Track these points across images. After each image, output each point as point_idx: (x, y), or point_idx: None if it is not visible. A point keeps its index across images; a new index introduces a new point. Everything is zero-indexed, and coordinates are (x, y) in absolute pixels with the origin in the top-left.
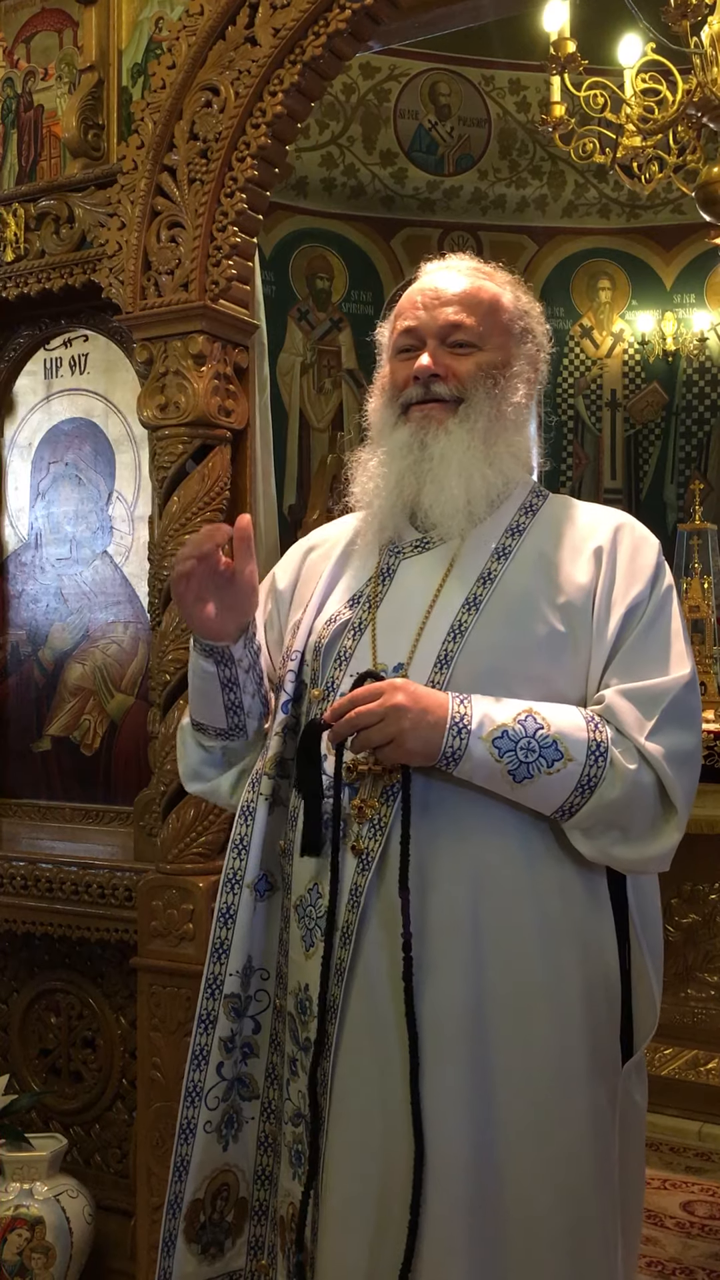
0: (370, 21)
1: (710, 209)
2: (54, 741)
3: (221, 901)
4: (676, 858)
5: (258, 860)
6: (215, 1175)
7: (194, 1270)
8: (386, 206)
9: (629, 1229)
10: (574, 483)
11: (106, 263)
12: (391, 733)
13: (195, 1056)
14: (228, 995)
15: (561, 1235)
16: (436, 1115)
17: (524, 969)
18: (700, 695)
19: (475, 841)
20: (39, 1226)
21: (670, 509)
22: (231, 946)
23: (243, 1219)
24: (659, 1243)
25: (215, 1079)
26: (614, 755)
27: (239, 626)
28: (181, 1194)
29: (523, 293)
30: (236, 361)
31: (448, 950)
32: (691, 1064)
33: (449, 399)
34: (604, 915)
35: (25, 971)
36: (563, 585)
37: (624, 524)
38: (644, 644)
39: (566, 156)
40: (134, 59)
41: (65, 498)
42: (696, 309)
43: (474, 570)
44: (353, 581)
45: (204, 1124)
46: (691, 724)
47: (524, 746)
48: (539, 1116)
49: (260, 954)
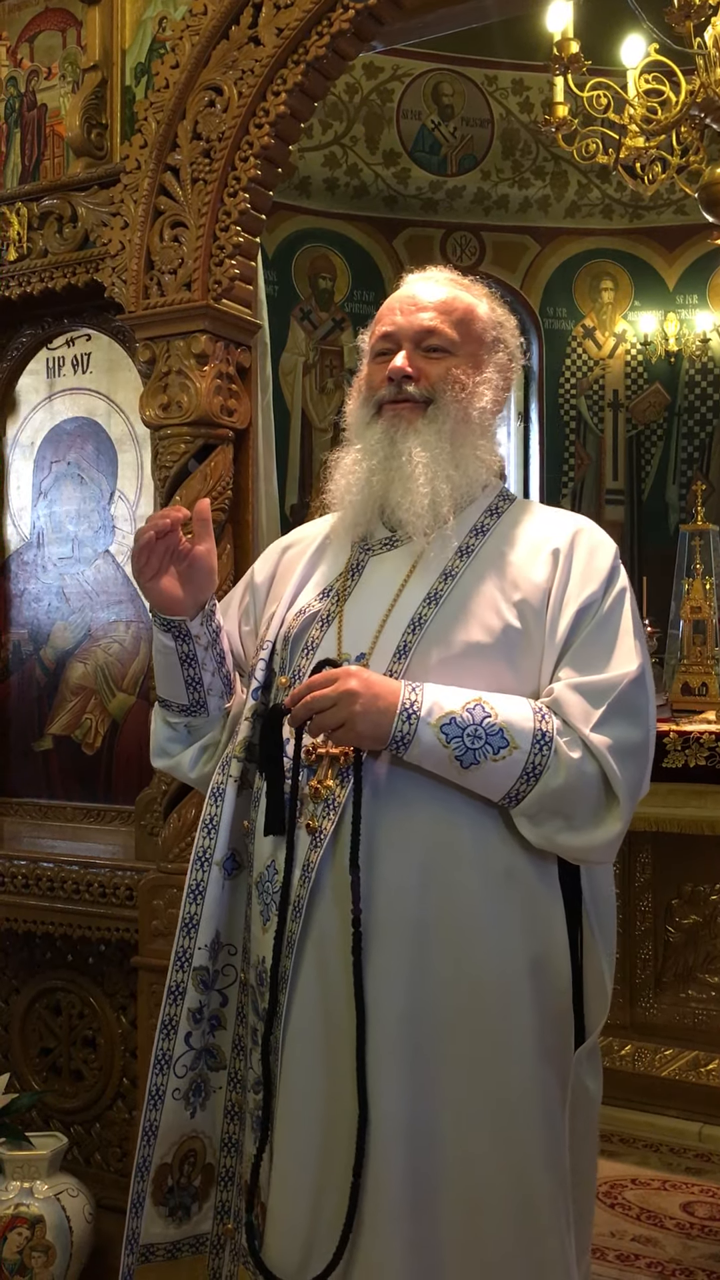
0: (374, 22)
1: (713, 210)
2: (55, 741)
3: (191, 878)
4: (678, 859)
5: (226, 839)
6: (183, 1141)
7: (161, 1231)
8: (389, 206)
9: (580, 1214)
10: (576, 483)
11: (109, 262)
12: (343, 716)
13: (164, 1026)
14: (196, 968)
15: (506, 1214)
16: (380, 1083)
17: (469, 947)
18: (648, 691)
19: (425, 823)
20: (39, 1225)
21: (672, 510)
22: (200, 921)
23: (209, 1184)
24: (659, 1244)
25: (184, 1048)
26: (559, 745)
27: (196, 603)
28: (149, 1158)
29: (498, 305)
30: (239, 361)
31: (395, 927)
32: (692, 1065)
33: (419, 399)
34: (554, 901)
35: (26, 970)
36: (520, 584)
37: (583, 528)
38: (595, 641)
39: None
40: (137, 58)
41: (67, 497)
42: (699, 310)
43: (437, 567)
44: (325, 576)
45: (172, 1091)
46: (638, 718)
47: (471, 733)
48: (483, 1092)
49: (228, 930)
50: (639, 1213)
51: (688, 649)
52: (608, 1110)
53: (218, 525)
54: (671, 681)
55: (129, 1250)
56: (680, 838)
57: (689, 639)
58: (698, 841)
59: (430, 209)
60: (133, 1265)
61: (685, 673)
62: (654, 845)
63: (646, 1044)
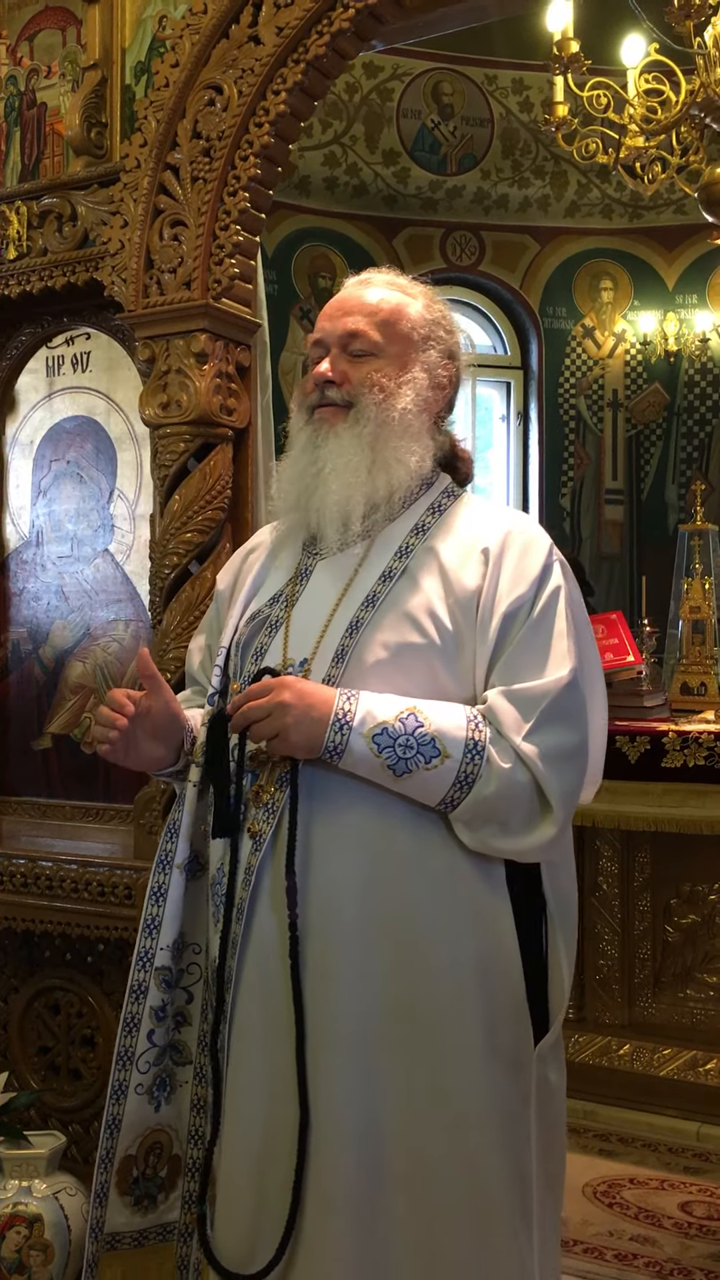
0: (374, 21)
1: (713, 210)
2: (54, 739)
3: (154, 881)
4: (676, 859)
5: (187, 842)
6: (147, 1134)
7: (127, 1220)
8: (389, 206)
9: (548, 1206)
10: (575, 483)
11: (109, 261)
12: (277, 727)
13: (126, 1023)
14: (158, 968)
15: (458, 1210)
16: (322, 1083)
17: (412, 949)
18: (581, 693)
19: (363, 827)
20: (37, 1224)
21: (671, 509)
22: (163, 923)
23: (176, 1175)
24: (657, 1243)
25: (146, 1044)
26: (490, 754)
27: (175, 751)
28: (113, 1150)
29: (436, 304)
30: (239, 360)
31: (334, 930)
32: (690, 1065)
33: (340, 403)
34: (500, 899)
35: (25, 969)
36: (453, 585)
37: (515, 527)
38: (528, 645)
39: (569, 156)
40: (137, 57)
41: (67, 496)
42: (698, 310)
43: (378, 569)
44: (276, 581)
45: (135, 1086)
46: (571, 723)
47: (402, 743)
48: (431, 1090)
49: (193, 929)
50: (637, 1212)
51: (687, 649)
52: (606, 1110)
53: (217, 524)
54: (670, 681)
55: (93, 1238)
56: (679, 837)
57: (688, 639)
58: (696, 841)
59: (430, 208)
60: (98, 1253)
61: (684, 672)
62: (653, 845)
63: (645, 1043)
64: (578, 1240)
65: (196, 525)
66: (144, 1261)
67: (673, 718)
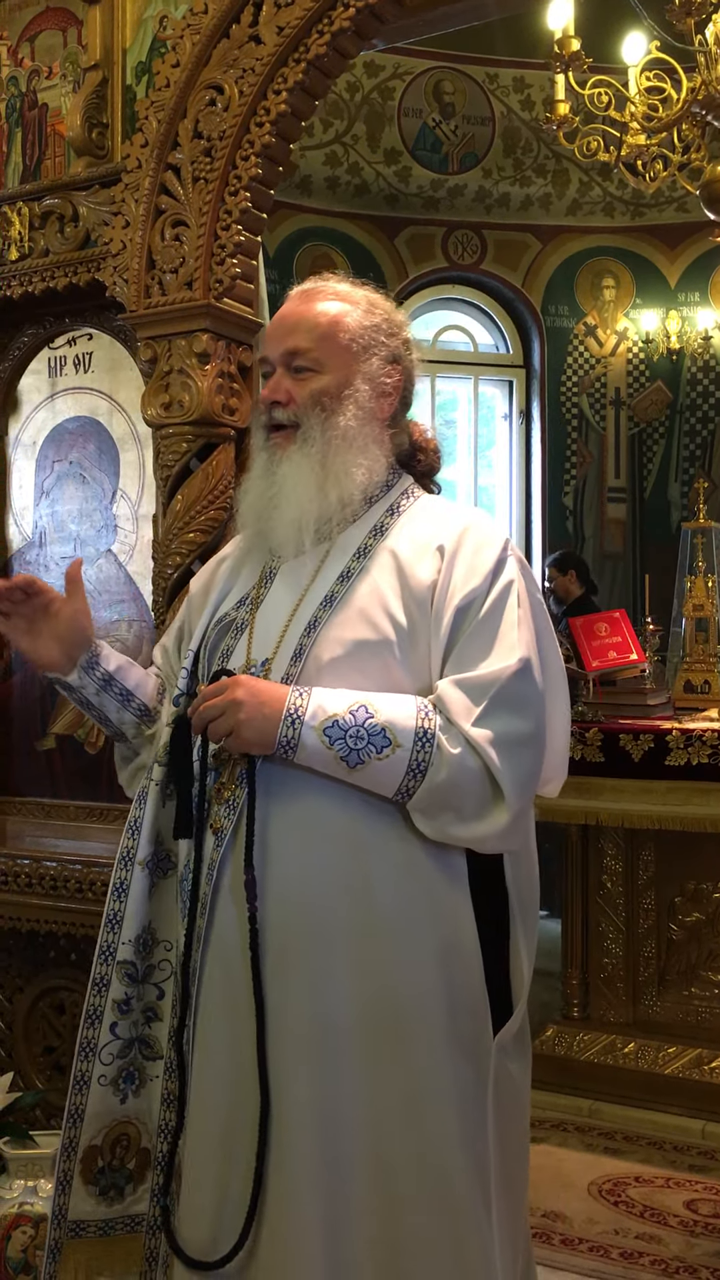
0: (374, 20)
1: (715, 207)
2: (58, 740)
3: (115, 877)
4: (680, 857)
5: (149, 839)
6: (113, 1125)
7: (91, 1209)
8: (390, 205)
9: (509, 1195)
10: (578, 481)
11: (110, 261)
12: (230, 724)
13: (88, 1015)
14: (120, 961)
15: (420, 1197)
16: (283, 1072)
17: (372, 940)
18: (534, 682)
19: (320, 821)
20: (43, 1224)
21: (674, 507)
22: (124, 918)
23: (145, 1168)
24: (663, 1241)
25: (109, 1037)
26: (440, 741)
27: (70, 659)
28: (76, 1139)
29: (377, 309)
30: (240, 360)
31: (293, 922)
32: (695, 1063)
33: (287, 424)
34: (459, 891)
35: (30, 969)
36: (408, 582)
37: (470, 524)
38: (478, 636)
39: (571, 155)
40: (138, 57)
41: (69, 496)
42: (701, 307)
43: (336, 570)
44: (243, 585)
45: (98, 1077)
46: (522, 710)
47: (353, 734)
48: (392, 1079)
49: (163, 926)
50: (642, 1210)
51: (690, 647)
52: (611, 1108)
53: (220, 524)
54: (674, 679)
55: (55, 1225)
56: (683, 835)
57: (691, 637)
58: (700, 839)
59: (431, 207)
60: (60, 1239)
61: (688, 670)
62: (657, 843)
63: (650, 1041)
64: (583, 1239)
65: (199, 525)
66: (109, 1251)
67: (676, 716)
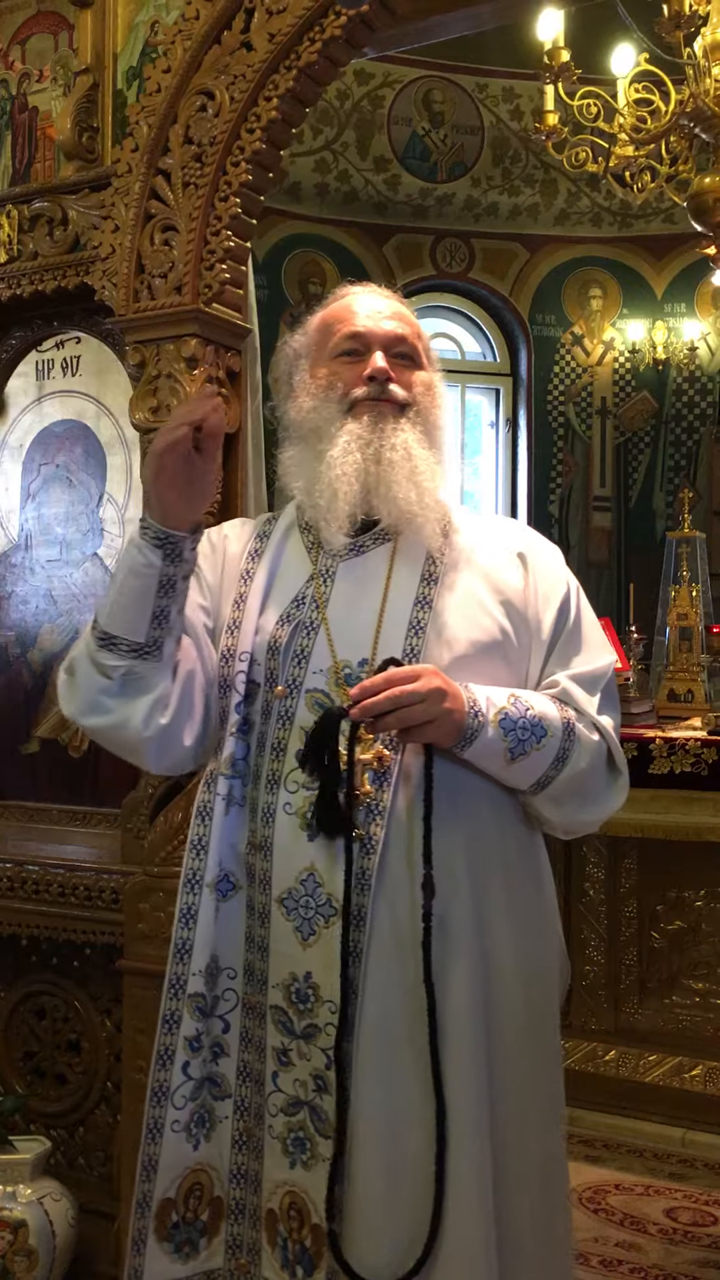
0: (366, 28)
1: (701, 219)
2: (42, 743)
3: (182, 902)
4: (662, 865)
5: (216, 860)
6: (186, 1175)
7: (167, 1269)
8: (379, 212)
9: None
10: (564, 489)
11: (100, 265)
12: (434, 713)
13: (160, 1056)
14: (191, 995)
15: (534, 1180)
16: (453, 1078)
17: (524, 940)
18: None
19: (464, 819)
20: (22, 1230)
21: (659, 517)
22: (194, 946)
23: (219, 1218)
24: (642, 1249)
25: (181, 1078)
26: (579, 730)
27: (193, 523)
28: (150, 1193)
29: None
30: (229, 365)
31: (454, 924)
32: (675, 1070)
33: (400, 401)
34: (552, 890)
35: (11, 974)
36: (500, 587)
37: (530, 531)
38: (575, 638)
39: (559, 165)
40: (129, 62)
41: (56, 499)
42: (687, 318)
43: (415, 571)
44: (290, 582)
45: (171, 1123)
46: (617, 700)
47: (521, 725)
48: (522, 1084)
49: (228, 953)
50: (622, 1218)
51: (674, 655)
52: (592, 1115)
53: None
54: (658, 688)
55: None
56: (665, 844)
57: (675, 646)
58: (682, 847)
59: (420, 215)
60: None
61: (671, 679)
62: (639, 851)
63: (630, 1049)
64: None
65: None
66: None
67: (660, 724)
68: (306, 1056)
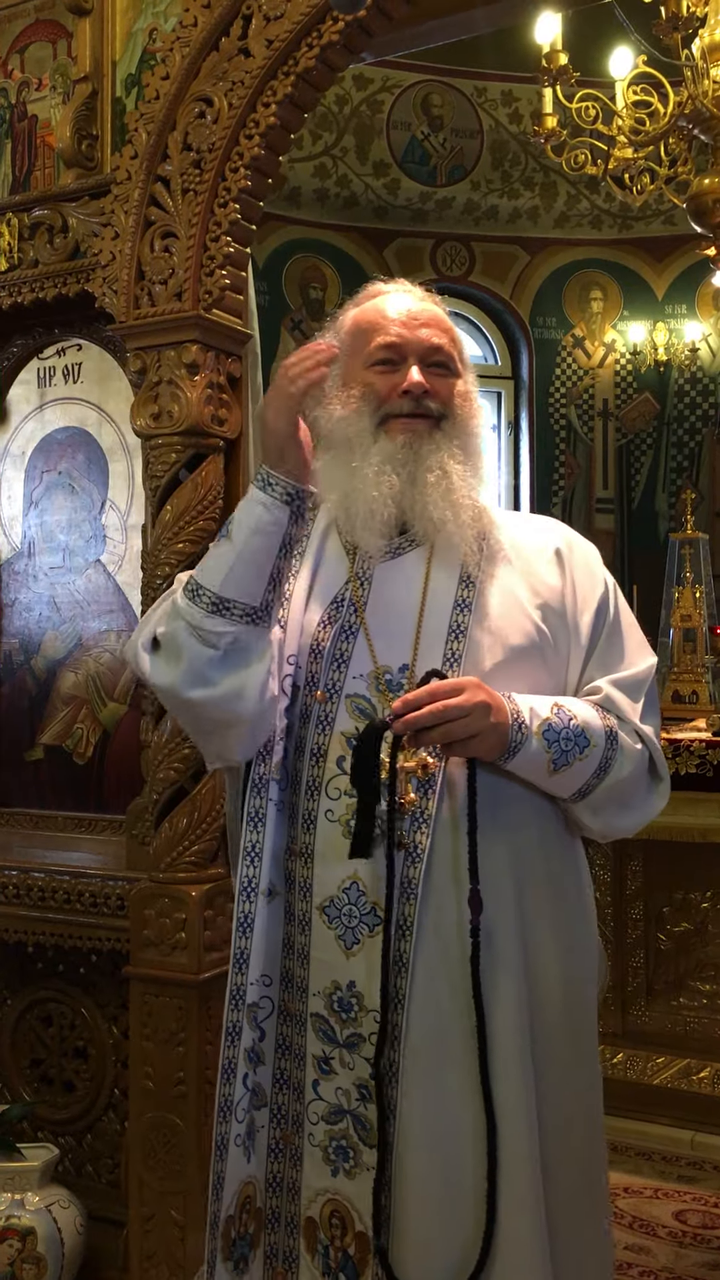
0: (363, 33)
1: (701, 220)
2: (46, 750)
3: (240, 911)
4: (668, 867)
5: (270, 867)
6: (241, 1188)
7: None
8: (379, 217)
9: None
10: (566, 491)
11: (100, 272)
12: (478, 727)
13: (225, 1070)
14: (250, 1005)
15: (588, 1191)
16: (503, 1088)
17: (564, 949)
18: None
19: (508, 828)
20: (30, 1237)
21: (661, 518)
22: (251, 955)
23: (260, 1229)
24: (651, 1252)
25: (242, 1091)
26: (622, 738)
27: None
28: (219, 1212)
29: None
30: (230, 371)
31: (499, 937)
32: (684, 1073)
33: (435, 415)
34: (590, 897)
35: (17, 981)
36: (537, 588)
37: (568, 531)
38: (614, 639)
39: (558, 168)
40: (128, 70)
41: (58, 506)
42: (688, 319)
43: (453, 574)
44: (327, 584)
45: (234, 1138)
46: (658, 705)
47: (564, 736)
48: (564, 1090)
49: (264, 960)
50: (631, 1221)
51: (678, 657)
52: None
53: (209, 534)
54: (662, 689)
55: None
56: (671, 845)
57: (679, 647)
58: (688, 849)
59: (420, 219)
60: None
61: (675, 681)
62: (645, 853)
63: (638, 1052)
64: None
65: (189, 535)
66: None
67: (664, 726)
68: (349, 1065)
